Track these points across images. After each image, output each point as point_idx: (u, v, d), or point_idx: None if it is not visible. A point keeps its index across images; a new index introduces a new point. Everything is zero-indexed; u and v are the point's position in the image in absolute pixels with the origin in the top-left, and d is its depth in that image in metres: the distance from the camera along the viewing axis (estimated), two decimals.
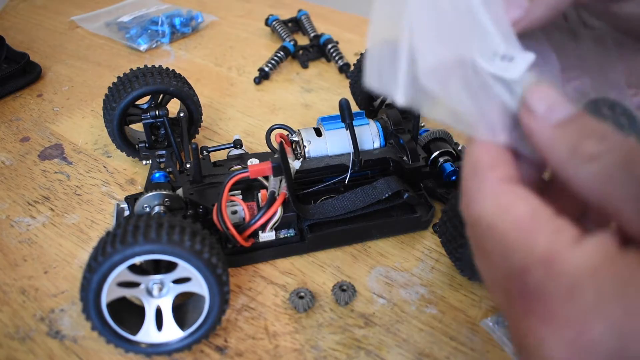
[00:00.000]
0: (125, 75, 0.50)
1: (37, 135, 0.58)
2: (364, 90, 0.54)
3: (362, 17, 0.87)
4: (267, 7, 0.90)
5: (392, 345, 0.37)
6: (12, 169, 0.54)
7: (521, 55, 0.22)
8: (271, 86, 0.68)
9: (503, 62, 0.22)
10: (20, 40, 0.78)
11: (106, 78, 0.69)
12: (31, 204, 0.49)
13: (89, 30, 0.82)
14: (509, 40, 0.23)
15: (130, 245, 0.31)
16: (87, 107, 0.64)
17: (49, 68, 0.72)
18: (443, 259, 0.44)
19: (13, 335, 0.38)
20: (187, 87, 0.52)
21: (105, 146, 0.57)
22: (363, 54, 0.56)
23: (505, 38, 0.23)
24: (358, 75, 0.55)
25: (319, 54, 0.74)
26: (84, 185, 0.52)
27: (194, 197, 0.44)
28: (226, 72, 0.72)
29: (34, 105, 0.64)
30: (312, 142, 0.46)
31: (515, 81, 0.22)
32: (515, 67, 0.22)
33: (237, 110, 0.63)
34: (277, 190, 0.41)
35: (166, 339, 0.36)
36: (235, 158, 0.49)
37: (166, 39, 0.78)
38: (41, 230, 0.46)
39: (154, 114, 0.49)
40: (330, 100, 0.65)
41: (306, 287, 0.41)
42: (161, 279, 0.35)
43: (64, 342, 0.37)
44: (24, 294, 0.41)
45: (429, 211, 0.45)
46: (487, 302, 0.40)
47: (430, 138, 0.49)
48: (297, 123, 0.61)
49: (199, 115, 0.53)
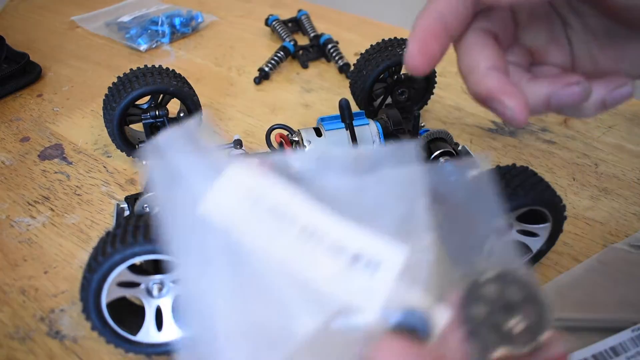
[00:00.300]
0: (125, 75, 0.50)
1: (37, 135, 0.58)
2: (364, 90, 0.54)
3: (362, 17, 0.87)
4: (267, 7, 0.90)
5: None
6: (12, 169, 0.54)
7: (392, 255, 0.19)
8: (271, 86, 0.68)
9: (365, 274, 0.19)
10: (20, 40, 0.78)
11: (106, 78, 0.69)
12: (31, 204, 0.49)
13: (89, 30, 0.82)
14: (373, 242, 0.20)
15: (130, 245, 0.31)
16: (87, 107, 0.64)
17: (49, 68, 0.71)
18: None
19: (13, 335, 0.38)
20: (187, 87, 0.52)
21: (105, 146, 0.57)
22: (363, 53, 0.56)
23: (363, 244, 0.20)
24: (358, 75, 0.55)
25: (319, 54, 0.74)
26: (84, 185, 0.52)
27: None
28: (226, 72, 0.72)
29: (34, 105, 0.64)
30: (312, 142, 0.46)
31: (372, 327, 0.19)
32: (377, 294, 0.19)
33: (237, 110, 0.63)
34: None
35: (166, 339, 0.36)
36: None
37: (166, 39, 0.78)
38: (41, 230, 0.46)
39: (154, 114, 0.49)
40: (330, 100, 0.65)
41: None
42: (161, 279, 0.35)
43: (64, 342, 0.37)
44: (24, 294, 0.41)
45: None
46: None
47: (430, 138, 0.49)
48: (297, 123, 0.61)
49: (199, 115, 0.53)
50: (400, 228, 0.21)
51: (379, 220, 0.21)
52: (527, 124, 0.60)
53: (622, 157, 0.55)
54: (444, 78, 0.67)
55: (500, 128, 0.59)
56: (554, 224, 0.38)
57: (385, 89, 0.56)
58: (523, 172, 0.37)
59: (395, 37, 0.55)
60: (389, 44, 0.54)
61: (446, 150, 0.48)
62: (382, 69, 0.53)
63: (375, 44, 0.55)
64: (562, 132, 0.58)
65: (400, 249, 0.20)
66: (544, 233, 0.39)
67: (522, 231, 0.39)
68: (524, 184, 0.36)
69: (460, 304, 0.20)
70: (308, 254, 0.20)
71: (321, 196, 0.22)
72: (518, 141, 0.57)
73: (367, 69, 0.54)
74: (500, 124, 0.60)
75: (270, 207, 0.21)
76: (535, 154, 0.55)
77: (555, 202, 0.37)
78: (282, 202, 0.21)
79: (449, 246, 0.23)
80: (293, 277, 0.20)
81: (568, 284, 0.41)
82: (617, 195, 0.50)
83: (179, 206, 0.21)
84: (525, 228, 0.39)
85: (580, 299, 0.40)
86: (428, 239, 0.22)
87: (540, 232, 0.39)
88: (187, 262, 0.21)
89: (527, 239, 0.40)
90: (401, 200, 0.22)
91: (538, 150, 0.56)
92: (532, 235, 0.39)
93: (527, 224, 0.39)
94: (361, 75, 0.54)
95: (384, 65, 0.53)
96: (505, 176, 0.37)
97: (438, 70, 0.58)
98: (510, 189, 0.36)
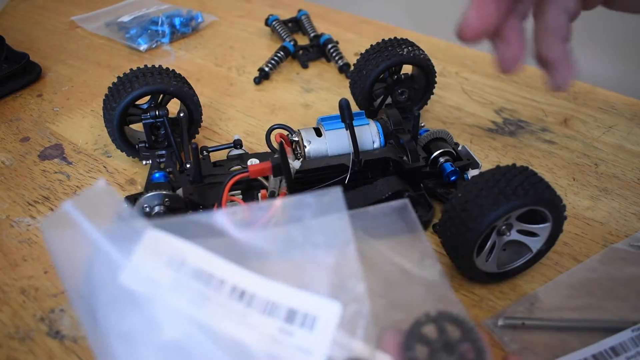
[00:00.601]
0: (126, 75, 0.50)
1: (37, 135, 0.58)
2: (364, 91, 0.54)
3: (362, 17, 0.87)
4: (267, 7, 0.90)
5: None
6: (12, 169, 0.54)
7: (328, 308, 0.18)
8: (271, 86, 0.68)
9: (303, 331, 0.18)
10: (20, 40, 0.78)
11: (106, 78, 0.69)
12: (31, 204, 0.49)
13: (89, 30, 0.82)
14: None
15: None
16: (87, 107, 0.64)
17: (49, 68, 0.72)
18: (443, 259, 0.43)
19: (13, 335, 0.38)
20: (187, 87, 0.52)
21: (105, 146, 0.57)
22: (363, 53, 0.56)
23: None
24: (358, 75, 0.55)
25: (319, 54, 0.74)
26: (84, 185, 0.52)
27: (194, 197, 0.44)
28: (226, 72, 0.72)
29: (34, 105, 0.64)
30: (312, 142, 0.46)
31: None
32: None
33: (237, 110, 0.63)
34: (277, 190, 0.41)
35: None
36: (235, 158, 0.49)
37: (166, 39, 0.78)
38: (41, 230, 0.46)
39: (154, 113, 0.49)
40: (330, 100, 0.65)
41: None
42: None
43: (64, 342, 0.37)
44: (24, 294, 0.41)
45: (429, 211, 0.45)
46: (487, 302, 0.40)
47: (431, 138, 0.49)
48: (297, 123, 0.61)
49: (199, 115, 0.53)
50: (333, 279, 0.21)
51: (310, 273, 0.21)
52: (527, 124, 0.60)
53: (622, 157, 0.55)
54: (444, 78, 0.67)
55: (500, 128, 0.59)
56: (554, 224, 0.38)
57: (385, 89, 0.56)
58: (523, 172, 0.37)
59: (395, 37, 0.55)
60: (389, 44, 0.54)
61: (446, 151, 0.48)
62: (382, 69, 0.53)
63: (375, 44, 0.55)
64: (562, 132, 0.58)
65: (334, 302, 0.19)
66: (544, 233, 0.39)
67: (522, 231, 0.39)
68: (524, 184, 0.36)
69: (401, 347, 0.20)
70: (240, 315, 0.19)
71: (247, 252, 0.21)
72: (518, 141, 0.57)
73: (367, 69, 0.54)
74: (500, 124, 0.60)
75: (194, 271, 0.20)
76: (535, 154, 0.55)
77: (556, 202, 0.37)
78: (206, 265, 0.21)
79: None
80: (227, 341, 0.19)
81: (568, 284, 0.41)
82: (617, 195, 0.50)
83: (98, 279, 0.20)
84: (525, 228, 0.39)
85: (580, 298, 0.40)
86: (361, 287, 0.21)
87: (540, 232, 0.39)
88: (112, 339, 0.19)
89: (527, 239, 0.40)
90: (330, 250, 0.21)
91: (538, 150, 0.56)
92: (532, 235, 0.39)
93: (527, 224, 0.39)
94: (361, 76, 0.54)
95: (384, 65, 0.52)
96: (505, 176, 0.37)
97: (438, 70, 0.58)
98: (510, 189, 0.36)
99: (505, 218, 0.37)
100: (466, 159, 0.49)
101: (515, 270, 0.41)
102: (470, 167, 0.48)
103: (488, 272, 0.40)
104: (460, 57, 0.73)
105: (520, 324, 0.38)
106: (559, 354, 0.36)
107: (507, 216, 0.36)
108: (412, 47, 0.54)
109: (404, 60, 0.53)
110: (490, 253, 0.39)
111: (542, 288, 0.41)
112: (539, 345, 0.37)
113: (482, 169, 0.48)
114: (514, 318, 0.38)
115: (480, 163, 0.49)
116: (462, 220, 0.37)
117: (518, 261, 0.41)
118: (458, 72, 0.70)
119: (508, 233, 0.39)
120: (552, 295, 0.40)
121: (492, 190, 0.36)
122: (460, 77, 0.69)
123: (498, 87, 0.67)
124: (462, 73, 0.70)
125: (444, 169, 0.47)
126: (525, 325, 0.38)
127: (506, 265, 0.41)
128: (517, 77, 0.69)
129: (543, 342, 0.37)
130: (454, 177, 0.47)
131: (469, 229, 0.36)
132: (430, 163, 0.48)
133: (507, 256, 0.41)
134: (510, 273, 0.41)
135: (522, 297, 0.40)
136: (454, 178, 0.47)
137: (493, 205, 0.35)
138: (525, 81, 0.67)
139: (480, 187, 0.37)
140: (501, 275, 0.41)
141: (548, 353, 0.36)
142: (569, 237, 0.45)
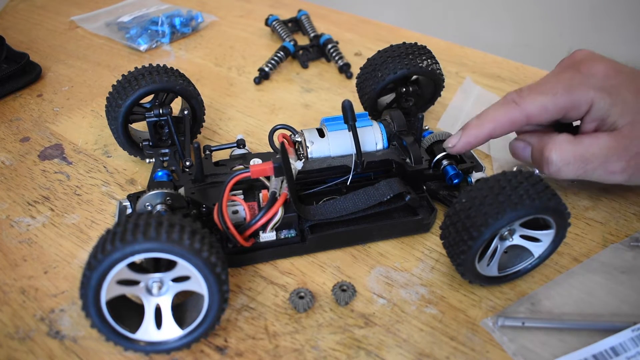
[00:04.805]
0: (131, 73, 0.50)
1: (37, 135, 0.58)
2: (374, 91, 0.52)
3: (362, 17, 0.87)
4: (267, 7, 0.90)
5: (392, 345, 0.37)
6: (12, 169, 0.54)
7: None
8: (271, 86, 0.69)
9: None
10: (20, 40, 0.78)
11: (106, 78, 0.69)
12: (31, 204, 0.49)
13: (89, 30, 0.82)
14: None
15: (129, 243, 0.31)
16: (87, 107, 0.64)
17: (49, 68, 0.72)
18: (443, 259, 0.44)
19: (13, 335, 0.38)
20: (192, 87, 0.52)
21: (105, 146, 0.57)
22: (380, 51, 0.54)
23: None
24: (371, 74, 0.53)
25: (319, 54, 0.74)
26: (84, 185, 0.52)
27: (195, 196, 0.44)
28: (226, 72, 0.72)
29: (34, 105, 0.64)
30: (314, 143, 0.46)
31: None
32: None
33: (237, 110, 0.63)
34: (278, 190, 0.41)
35: (165, 338, 0.35)
36: (237, 158, 0.49)
37: (166, 39, 0.78)
38: (41, 230, 0.46)
39: (158, 112, 0.49)
40: (330, 100, 0.65)
41: (306, 287, 0.41)
42: (161, 277, 0.35)
43: (64, 342, 0.37)
44: (24, 294, 0.41)
45: (431, 213, 0.45)
46: (487, 302, 0.40)
47: (434, 140, 0.49)
48: (297, 123, 0.61)
49: (202, 114, 0.53)
50: None
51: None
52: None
53: None
54: (444, 78, 0.67)
55: None
56: (558, 231, 0.38)
57: (393, 91, 0.54)
58: (529, 179, 0.36)
59: (416, 43, 0.53)
60: (410, 50, 0.52)
61: (449, 154, 0.48)
62: (399, 76, 0.51)
63: (395, 46, 0.53)
64: None
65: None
66: (547, 239, 0.39)
67: (525, 236, 0.39)
68: (530, 192, 0.35)
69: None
70: None
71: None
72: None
73: (382, 71, 0.51)
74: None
75: None
76: None
77: (561, 210, 0.36)
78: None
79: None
80: None
81: (568, 284, 0.41)
82: (617, 195, 0.49)
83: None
84: (528, 234, 0.39)
85: (580, 299, 0.40)
86: None
87: (544, 238, 0.39)
88: None
89: (530, 244, 0.39)
90: None
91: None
92: (535, 240, 0.39)
93: (530, 230, 0.38)
94: (375, 76, 0.52)
95: (401, 73, 0.51)
96: (510, 183, 0.36)
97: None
98: (516, 197, 0.35)
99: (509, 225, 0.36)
100: (469, 162, 0.48)
101: (515, 275, 0.41)
102: (473, 169, 0.48)
103: (489, 276, 0.40)
104: (460, 57, 0.73)
105: (520, 324, 0.38)
106: (559, 354, 0.36)
107: (511, 224, 0.36)
108: (431, 60, 0.52)
109: (422, 72, 0.51)
110: (492, 258, 0.39)
111: (542, 288, 0.41)
112: (539, 345, 0.37)
113: (486, 172, 0.48)
114: (514, 318, 0.38)
115: (484, 165, 0.49)
116: (464, 227, 0.36)
117: (519, 265, 0.41)
118: (458, 72, 0.70)
119: (510, 238, 0.38)
120: (552, 295, 0.40)
121: (497, 198, 0.35)
122: (460, 77, 0.69)
123: (498, 87, 0.67)
124: (462, 73, 0.70)
125: (447, 171, 0.47)
126: (525, 325, 0.38)
127: (507, 269, 0.41)
128: (517, 78, 0.69)
129: (543, 342, 0.37)
130: (457, 180, 0.46)
131: (472, 237, 0.36)
132: (433, 165, 0.47)
133: (508, 259, 0.41)
134: (510, 277, 0.41)
135: (522, 297, 0.40)
136: (457, 181, 0.46)
137: (497, 214, 0.35)
138: (525, 81, 0.67)
139: (485, 194, 0.36)
140: (501, 279, 0.41)
141: (548, 353, 0.36)
142: (569, 237, 0.45)
